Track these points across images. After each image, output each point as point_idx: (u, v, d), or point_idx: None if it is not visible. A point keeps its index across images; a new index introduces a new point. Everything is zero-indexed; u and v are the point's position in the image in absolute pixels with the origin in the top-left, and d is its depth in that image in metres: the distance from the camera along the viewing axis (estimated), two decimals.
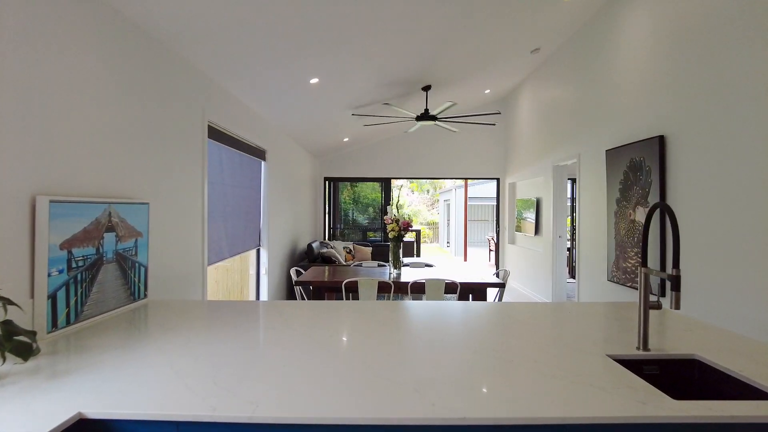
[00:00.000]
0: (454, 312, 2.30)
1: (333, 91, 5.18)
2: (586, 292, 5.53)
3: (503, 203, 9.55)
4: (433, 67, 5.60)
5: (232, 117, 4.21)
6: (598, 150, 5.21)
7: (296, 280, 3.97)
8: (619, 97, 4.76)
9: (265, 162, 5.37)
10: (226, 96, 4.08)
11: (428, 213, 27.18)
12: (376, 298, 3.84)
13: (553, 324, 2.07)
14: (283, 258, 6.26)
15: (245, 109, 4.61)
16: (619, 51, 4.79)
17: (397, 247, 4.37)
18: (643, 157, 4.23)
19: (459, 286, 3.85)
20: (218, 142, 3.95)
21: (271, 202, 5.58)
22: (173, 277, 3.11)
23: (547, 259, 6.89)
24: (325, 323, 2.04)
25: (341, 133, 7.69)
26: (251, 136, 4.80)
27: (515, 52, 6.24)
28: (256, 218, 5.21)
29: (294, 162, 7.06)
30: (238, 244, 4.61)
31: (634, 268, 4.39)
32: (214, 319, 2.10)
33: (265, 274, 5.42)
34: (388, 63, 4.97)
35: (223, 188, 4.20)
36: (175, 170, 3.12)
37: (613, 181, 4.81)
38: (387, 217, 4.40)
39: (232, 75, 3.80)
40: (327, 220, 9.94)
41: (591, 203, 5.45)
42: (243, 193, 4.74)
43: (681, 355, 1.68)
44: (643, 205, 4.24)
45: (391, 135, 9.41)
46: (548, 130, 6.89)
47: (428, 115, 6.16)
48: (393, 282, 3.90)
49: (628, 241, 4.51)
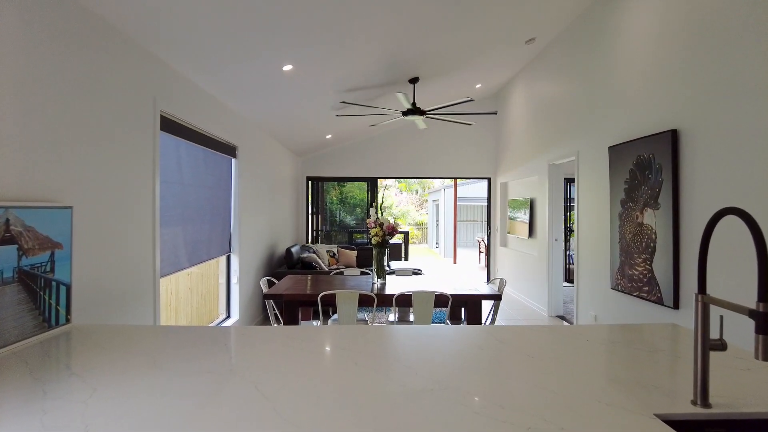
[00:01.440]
0: (443, 345, 1.84)
1: (310, 82, 4.69)
2: (587, 300, 5.12)
3: (494, 204, 9.14)
4: (421, 56, 5.15)
5: (193, 107, 3.71)
6: (600, 147, 4.80)
7: (266, 293, 3.49)
8: (624, 89, 4.35)
9: (236, 159, 4.87)
10: (185, 83, 3.58)
11: (417, 213, 26.77)
12: (356, 313, 3.37)
13: (571, 362, 1.62)
14: (258, 264, 5.76)
15: (209, 99, 4.10)
16: (622, 39, 4.38)
17: (381, 254, 3.91)
18: (653, 154, 3.82)
19: (450, 300, 3.40)
20: (175, 135, 3.45)
21: (244, 203, 5.08)
22: (112, 295, 2.60)
23: (542, 264, 6.48)
24: (282, 366, 1.57)
25: (323, 129, 7.20)
26: (218, 130, 4.29)
27: (509, 42, 5.82)
28: (225, 221, 4.70)
29: (272, 160, 6.55)
30: (201, 250, 4.11)
31: (642, 276, 3.98)
32: (151, 353, 1.61)
33: (237, 283, 4.92)
34: (370, 51, 4.50)
35: (182, 188, 3.69)
36: (113, 167, 2.61)
37: (617, 181, 4.40)
38: (369, 220, 3.93)
39: (190, 59, 3.30)
40: (310, 222, 9.44)
41: (591, 204, 5.04)
42: (208, 194, 4.23)
43: (757, 414, 1.24)
44: (652, 207, 3.83)
45: (378, 132, 8.94)
46: (543, 127, 6.48)
47: (416, 110, 5.71)
48: (376, 294, 3.44)
49: (634, 246, 4.10)
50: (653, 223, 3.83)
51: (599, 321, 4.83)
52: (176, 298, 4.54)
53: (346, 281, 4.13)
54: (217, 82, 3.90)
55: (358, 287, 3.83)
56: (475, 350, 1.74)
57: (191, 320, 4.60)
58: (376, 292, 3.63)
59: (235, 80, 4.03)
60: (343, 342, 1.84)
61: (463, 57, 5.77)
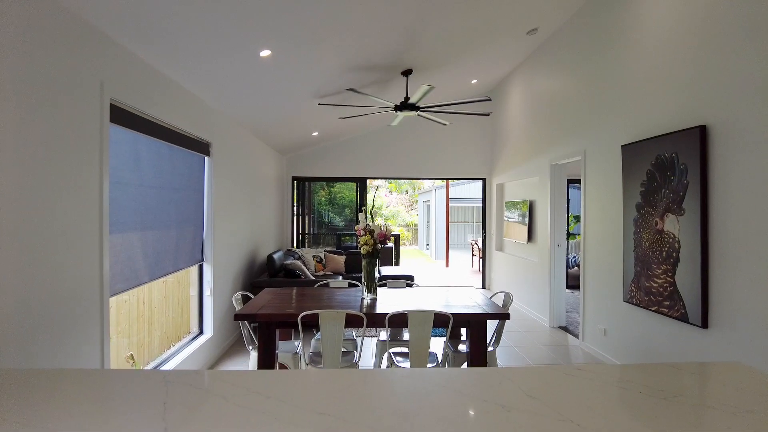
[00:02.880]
0: (456, 403, 1.38)
1: (291, 70, 4.21)
2: (595, 312, 4.71)
3: (490, 206, 8.73)
4: (415, 45, 4.69)
5: (155, 97, 3.21)
6: (611, 145, 4.39)
7: (237, 313, 3.00)
8: (640, 82, 3.94)
9: (209, 157, 4.36)
10: (143, 68, 3.07)
11: (407, 214, 26.34)
12: (342, 336, 2.90)
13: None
14: (236, 272, 5.25)
15: (176, 88, 3.60)
16: (638, 27, 3.97)
17: (372, 265, 3.44)
18: (676, 153, 3.41)
19: (451, 320, 2.94)
20: (132, 129, 2.95)
21: (219, 206, 4.57)
22: (41, 325, 2.10)
23: (543, 271, 6.07)
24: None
25: (308, 125, 6.71)
26: (188, 125, 3.79)
27: (508, 33, 5.39)
28: (196, 227, 4.20)
29: (252, 159, 6.05)
30: (166, 261, 3.60)
31: (662, 290, 3.57)
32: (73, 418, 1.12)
33: (210, 295, 4.41)
34: (359, 35, 4.03)
35: (141, 190, 3.19)
36: (36, 164, 2.11)
37: (631, 183, 3.99)
38: (358, 227, 3.46)
39: (146, 38, 2.80)
40: (296, 225, 8.93)
41: (600, 208, 4.63)
42: (175, 197, 3.73)
43: None
44: (675, 213, 3.42)
45: (367, 131, 8.47)
46: (544, 125, 6.07)
47: (409, 105, 5.25)
48: (365, 313, 2.97)
49: (653, 255, 3.69)
50: (676, 231, 3.42)
51: (609, 336, 4.42)
52: (149, 308, 4.09)
53: (332, 296, 3.65)
54: (184, 68, 3.40)
55: (346, 304, 3.36)
56: (501, 413, 1.28)
57: (166, 332, 4.16)
58: (365, 310, 3.17)
59: (205, 67, 3.53)
60: (323, 402, 1.36)
61: (460, 47, 5.33)
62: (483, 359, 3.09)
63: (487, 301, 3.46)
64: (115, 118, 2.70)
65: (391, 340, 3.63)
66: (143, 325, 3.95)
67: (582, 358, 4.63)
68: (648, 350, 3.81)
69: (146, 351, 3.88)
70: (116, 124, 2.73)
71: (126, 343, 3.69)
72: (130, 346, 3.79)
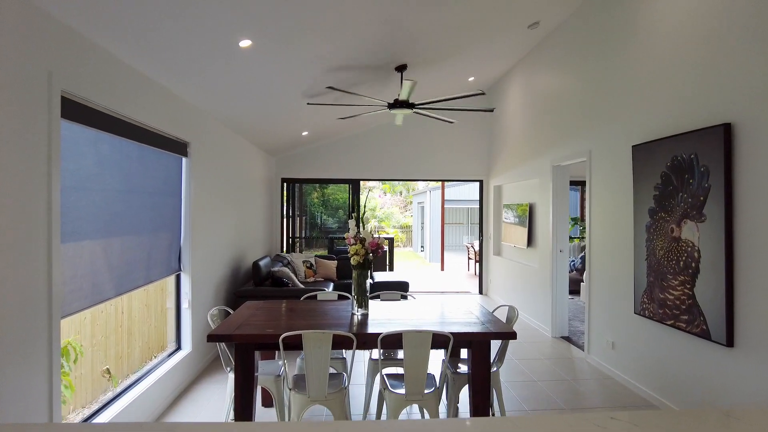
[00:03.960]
0: None
1: (275, 63, 3.88)
2: (602, 324, 4.41)
3: (487, 209, 8.43)
4: (410, 38, 4.38)
5: (118, 91, 2.87)
6: (619, 146, 4.10)
7: (210, 334, 2.67)
8: (652, 77, 3.65)
9: (187, 158, 4.02)
10: (104, 59, 2.74)
11: (401, 216, 26.03)
12: (328, 360, 2.57)
13: None
14: (219, 282, 4.91)
15: (146, 82, 3.27)
16: (649, 17, 3.68)
17: (363, 277, 3.12)
18: (695, 154, 3.12)
19: (452, 340, 2.62)
20: (91, 126, 2.61)
21: (199, 210, 4.23)
22: None
23: (544, 277, 5.77)
24: None
25: (298, 124, 6.37)
26: (161, 122, 3.46)
27: (508, 27, 5.09)
28: (173, 234, 3.86)
29: (237, 159, 5.71)
30: (137, 272, 3.26)
31: (679, 303, 3.28)
32: None
33: (188, 308, 4.07)
34: (350, 26, 3.71)
35: (106, 194, 2.85)
36: None
37: (644, 186, 3.70)
38: (348, 235, 3.14)
39: (105, 24, 2.46)
40: (286, 229, 8.58)
41: (608, 213, 4.34)
42: (147, 201, 3.39)
43: None
44: (694, 219, 3.13)
45: (360, 131, 8.15)
46: (546, 124, 5.78)
47: (403, 102, 4.94)
48: (355, 333, 2.65)
49: (668, 265, 3.40)
50: (695, 239, 3.13)
51: (618, 349, 4.13)
52: (129, 318, 3.80)
53: (319, 311, 3.33)
54: (155, 60, 3.06)
55: (334, 320, 3.04)
56: None
57: (148, 342, 3.87)
58: (355, 329, 2.85)
59: (180, 59, 3.20)
60: None
61: (458, 42, 5.03)
62: (486, 383, 2.78)
63: (489, 316, 3.15)
64: (69, 114, 2.36)
65: (384, 358, 3.31)
66: (122, 336, 3.66)
67: (589, 373, 4.34)
68: (663, 368, 3.52)
69: (125, 363, 3.62)
70: (70, 120, 2.39)
71: (102, 356, 3.41)
72: (107, 360, 3.48)
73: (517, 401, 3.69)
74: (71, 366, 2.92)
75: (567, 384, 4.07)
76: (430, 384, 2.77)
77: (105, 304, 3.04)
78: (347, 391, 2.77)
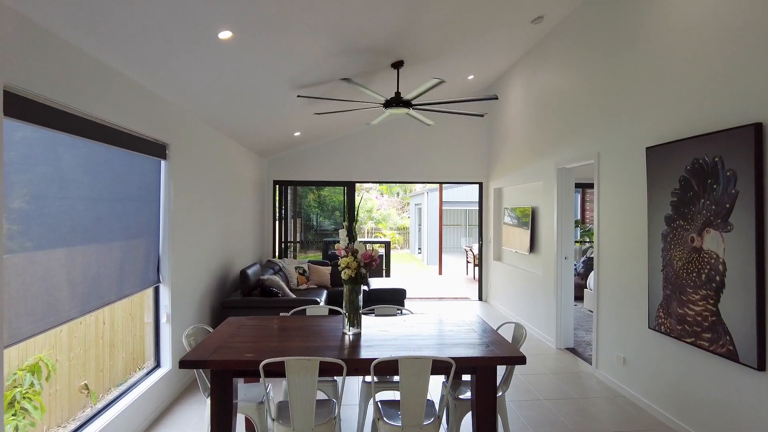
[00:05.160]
0: None
1: (260, 58, 3.58)
2: (611, 337, 4.13)
3: (487, 212, 8.14)
4: (407, 31, 4.09)
5: (78, 86, 2.57)
6: (631, 148, 3.82)
7: (182, 359, 2.37)
8: (669, 74, 3.37)
9: (166, 161, 3.72)
10: (59, 49, 2.43)
11: (398, 217, 25.73)
12: (315, 391, 2.28)
13: None
14: (204, 292, 4.60)
15: (113, 76, 2.96)
16: (665, 9, 3.40)
17: (355, 293, 2.82)
18: (720, 156, 2.84)
19: (454, 366, 2.33)
20: (43, 125, 2.30)
21: (179, 217, 3.93)
22: None
23: (547, 285, 5.49)
24: None
25: (289, 124, 6.07)
26: (134, 122, 3.15)
27: (510, 21, 4.81)
28: (150, 243, 3.55)
29: (224, 161, 5.40)
30: (107, 287, 2.96)
31: (701, 319, 3.00)
32: None
33: (167, 322, 3.76)
34: (342, 16, 3.42)
35: (66, 202, 2.55)
36: None
37: (659, 191, 3.42)
38: (338, 246, 2.85)
39: (59, 10, 2.16)
40: (278, 233, 8.27)
41: (618, 219, 4.05)
42: (118, 209, 3.09)
43: None
44: (719, 228, 2.85)
45: (355, 131, 7.85)
46: (550, 125, 5.50)
47: (401, 101, 4.65)
48: (346, 359, 2.36)
49: (688, 277, 3.12)
50: (719, 250, 2.85)
51: (630, 366, 3.85)
52: (111, 329, 3.54)
53: (307, 330, 3.03)
54: (122, 50, 2.76)
55: (323, 341, 2.74)
56: None
57: (132, 354, 3.62)
58: (347, 351, 2.55)
59: (152, 51, 2.89)
60: None
61: (457, 37, 4.74)
62: (492, 413, 2.49)
63: (493, 335, 2.86)
64: (13, 111, 2.06)
65: (378, 382, 3.02)
66: (103, 348, 3.40)
67: (598, 390, 4.05)
68: (681, 389, 3.23)
69: (107, 377, 3.38)
70: (14, 119, 2.08)
71: (81, 370, 3.14)
72: (86, 374, 3.21)
73: (522, 423, 3.40)
74: (42, 384, 2.67)
75: (576, 403, 3.79)
76: (429, 412, 2.48)
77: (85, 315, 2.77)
78: (338, 420, 2.48)
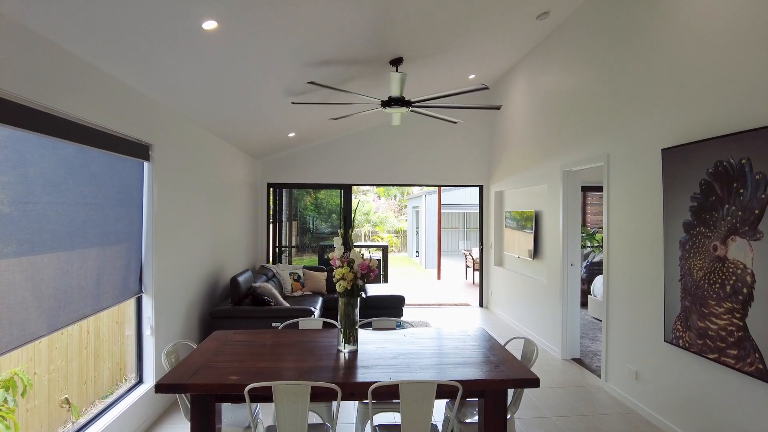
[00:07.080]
0: None
1: (249, 51, 3.35)
2: (622, 350, 3.90)
3: (487, 216, 7.92)
4: (407, 25, 3.87)
5: (48, 81, 2.33)
6: (645, 149, 3.61)
7: (158, 383, 2.12)
8: (688, 71, 3.16)
9: (149, 163, 3.48)
10: (25, 38, 2.19)
11: (396, 220, 25.50)
12: (306, 414, 2.04)
13: None
14: (191, 302, 4.35)
15: (89, 71, 2.72)
16: (683, 5, 3.19)
17: (351, 307, 2.58)
18: (748, 158, 2.63)
19: (460, 390, 2.10)
20: (10, 125, 2.06)
21: (164, 222, 3.68)
22: None
23: (553, 293, 5.27)
24: None
25: (282, 125, 5.84)
26: (112, 120, 2.91)
27: (515, 17, 4.60)
28: (131, 250, 3.31)
29: (214, 163, 5.16)
30: (81, 300, 2.71)
31: (725, 334, 2.78)
32: None
33: (151, 335, 3.51)
34: (337, 11, 3.19)
35: (34, 208, 2.30)
36: None
37: (677, 196, 3.20)
38: (333, 255, 2.61)
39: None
40: (272, 238, 8.02)
41: (629, 225, 3.84)
42: (94, 214, 2.84)
43: None
44: (747, 236, 2.63)
45: (352, 132, 7.62)
46: (555, 125, 5.29)
47: (399, 100, 4.42)
48: (340, 383, 2.12)
49: (710, 288, 2.90)
50: (747, 260, 2.63)
51: (642, 381, 3.62)
52: (96, 338, 3.31)
53: (299, 347, 2.79)
54: (96, 40, 2.52)
55: (316, 360, 2.50)
56: None
57: (118, 364, 3.42)
58: (342, 372, 2.32)
59: (127, 39, 2.66)
60: None
61: (459, 34, 4.52)
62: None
63: (502, 353, 2.63)
64: None
65: (377, 402, 2.78)
66: (87, 358, 3.19)
67: (609, 406, 3.82)
68: (702, 408, 3.01)
69: (91, 389, 3.18)
70: None
71: (63, 383, 2.93)
72: (68, 388, 2.99)
73: None
74: (16, 401, 2.45)
75: (586, 420, 3.56)
76: None
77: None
78: None
